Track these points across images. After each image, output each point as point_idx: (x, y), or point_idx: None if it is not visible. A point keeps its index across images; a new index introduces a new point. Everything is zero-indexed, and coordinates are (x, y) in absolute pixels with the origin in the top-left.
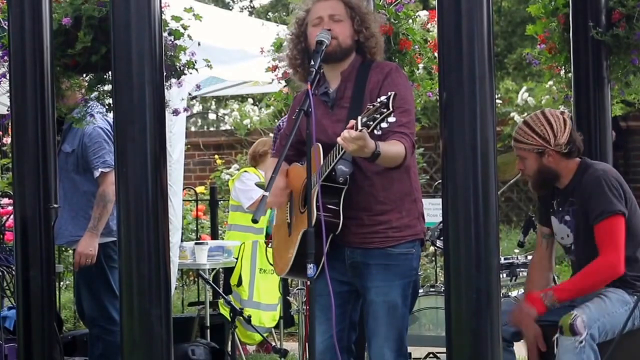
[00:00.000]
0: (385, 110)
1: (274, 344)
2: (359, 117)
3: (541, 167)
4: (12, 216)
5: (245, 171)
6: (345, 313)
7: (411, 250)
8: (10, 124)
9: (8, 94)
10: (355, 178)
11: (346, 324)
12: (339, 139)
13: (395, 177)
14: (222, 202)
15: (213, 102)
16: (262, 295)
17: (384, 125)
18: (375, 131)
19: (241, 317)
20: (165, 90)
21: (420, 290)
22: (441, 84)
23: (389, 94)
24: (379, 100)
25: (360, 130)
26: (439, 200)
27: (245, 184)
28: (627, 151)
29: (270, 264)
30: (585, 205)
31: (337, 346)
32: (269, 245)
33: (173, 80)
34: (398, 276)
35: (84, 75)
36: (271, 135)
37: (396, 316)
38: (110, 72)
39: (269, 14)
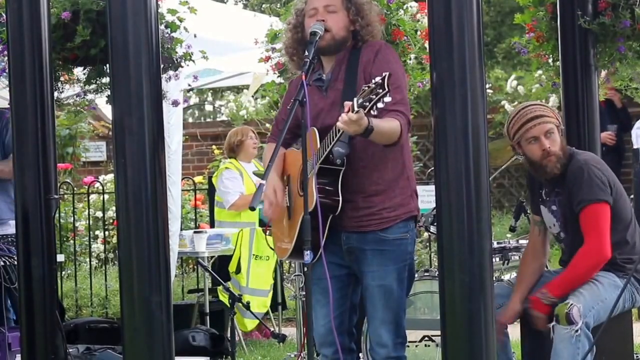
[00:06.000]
0: (381, 90)
1: (272, 329)
2: (355, 99)
3: (563, 144)
4: None
5: (227, 167)
6: (345, 296)
7: (405, 235)
8: (10, 116)
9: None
10: (350, 160)
11: (347, 307)
12: (338, 123)
13: (390, 157)
14: None
15: (209, 94)
16: (255, 281)
17: (380, 105)
18: (372, 111)
19: (240, 304)
20: (164, 82)
21: (415, 275)
22: (432, 72)
23: (384, 74)
24: (373, 81)
25: (357, 111)
26: (433, 187)
27: (225, 184)
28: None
29: (271, 248)
30: (569, 195)
31: (339, 329)
32: (268, 233)
33: (171, 72)
34: (393, 261)
35: (84, 68)
36: (269, 125)
37: (392, 300)
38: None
39: (263, 6)
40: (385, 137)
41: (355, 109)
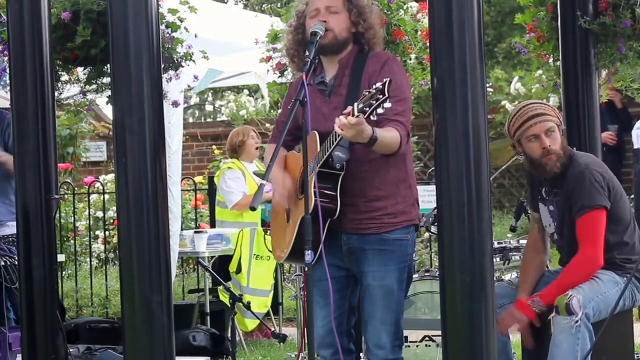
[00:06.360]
0: (381, 96)
1: (273, 329)
2: (355, 104)
3: (563, 143)
4: None
5: (229, 167)
6: (344, 297)
7: (406, 236)
8: (11, 117)
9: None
10: (352, 164)
11: (345, 308)
12: (335, 126)
13: (391, 163)
14: None
15: (210, 94)
16: (255, 281)
17: (380, 111)
18: (372, 117)
19: (240, 304)
20: (164, 82)
21: (416, 275)
22: (433, 72)
23: (384, 80)
24: (374, 86)
25: (357, 116)
26: (433, 187)
27: (228, 184)
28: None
29: (270, 250)
30: (568, 199)
31: (337, 330)
32: (268, 233)
33: (171, 72)
34: (393, 261)
35: (83, 68)
36: (269, 125)
37: (392, 300)
38: (109, 65)
39: (264, 6)
40: (386, 147)
41: (356, 113)
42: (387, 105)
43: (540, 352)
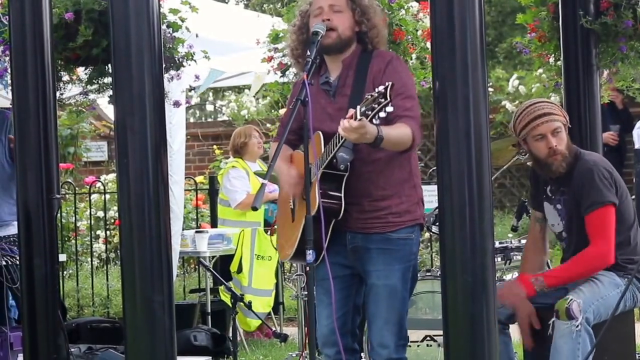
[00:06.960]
0: (383, 100)
1: (274, 329)
2: (358, 107)
3: (569, 143)
4: None
5: (233, 166)
6: (348, 297)
7: (411, 235)
8: (12, 117)
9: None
10: (357, 164)
11: (350, 308)
12: (339, 129)
13: (396, 163)
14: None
15: (210, 94)
16: (257, 281)
17: (382, 114)
18: (374, 120)
19: (241, 303)
20: (166, 82)
21: (418, 276)
22: (434, 72)
23: (387, 84)
24: (376, 90)
25: (360, 120)
26: (434, 187)
27: (232, 183)
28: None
29: (276, 248)
30: (577, 196)
31: (342, 329)
32: (269, 233)
33: (172, 72)
34: (398, 260)
35: (85, 68)
36: (270, 125)
37: (396, 300)
38: (110, 65)
39: (264, 6)
40: (396, 144)
41: (358, 117)
42: (390, 109)
43: (542, 353)
